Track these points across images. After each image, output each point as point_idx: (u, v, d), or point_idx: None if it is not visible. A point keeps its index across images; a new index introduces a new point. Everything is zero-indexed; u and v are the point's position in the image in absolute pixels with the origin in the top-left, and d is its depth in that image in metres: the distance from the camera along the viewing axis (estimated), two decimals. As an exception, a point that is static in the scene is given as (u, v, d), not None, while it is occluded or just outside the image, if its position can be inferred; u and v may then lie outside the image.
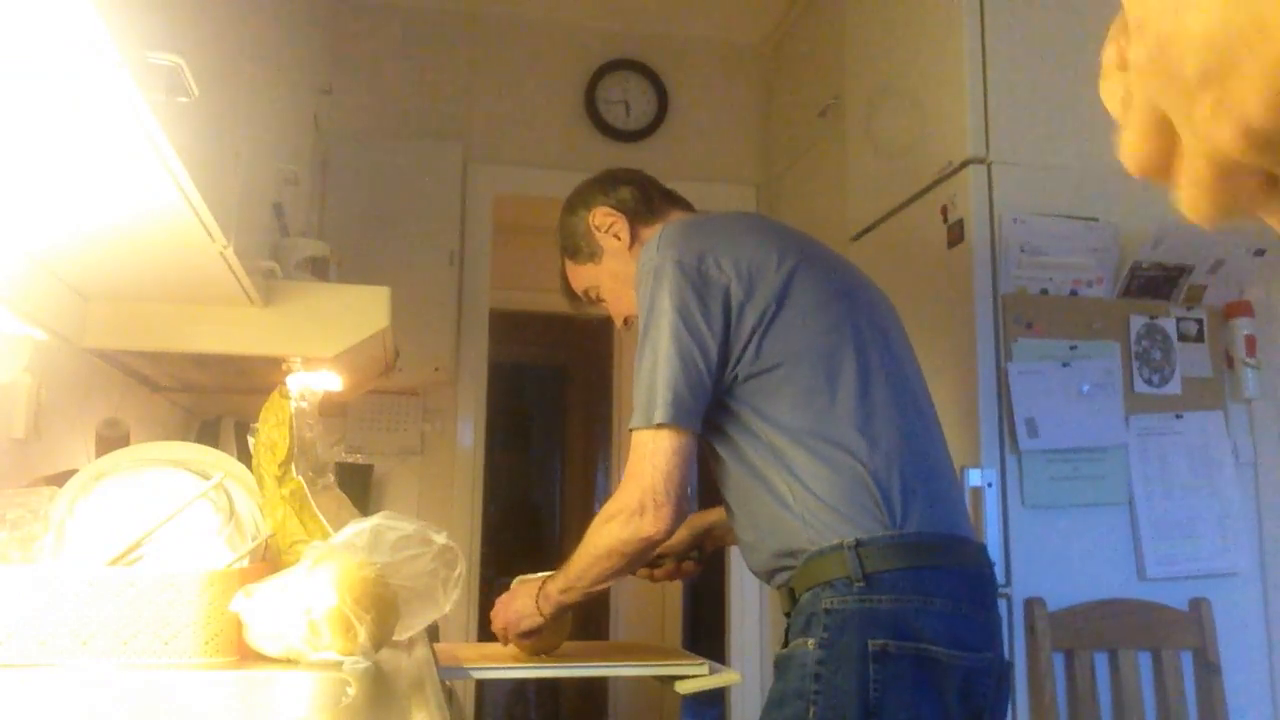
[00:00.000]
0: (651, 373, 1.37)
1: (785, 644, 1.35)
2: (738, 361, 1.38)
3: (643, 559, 1.43)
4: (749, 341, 1.38)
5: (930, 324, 2.05)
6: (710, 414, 1.42)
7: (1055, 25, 2.13)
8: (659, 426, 1.34)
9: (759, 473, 1.38)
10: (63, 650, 1.09)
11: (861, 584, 1.27)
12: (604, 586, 1.48)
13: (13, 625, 1.08)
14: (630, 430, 1.39)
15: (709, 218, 1.55)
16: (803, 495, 1.34)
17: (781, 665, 1.33)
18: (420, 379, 3.05)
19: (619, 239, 1.63)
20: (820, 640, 1.27)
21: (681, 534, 1.72)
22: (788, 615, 1.38)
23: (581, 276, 1.69)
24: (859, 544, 1.29)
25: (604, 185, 1.67)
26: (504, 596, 1.62)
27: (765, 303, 1.38)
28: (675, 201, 1.68)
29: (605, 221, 1.63)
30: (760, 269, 1.40)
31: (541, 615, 1.53)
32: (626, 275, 1.59)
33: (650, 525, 1.35)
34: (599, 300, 1.69)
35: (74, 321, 1.57)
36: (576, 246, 1.67)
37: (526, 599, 1.56)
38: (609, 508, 1.40)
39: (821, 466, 1.33)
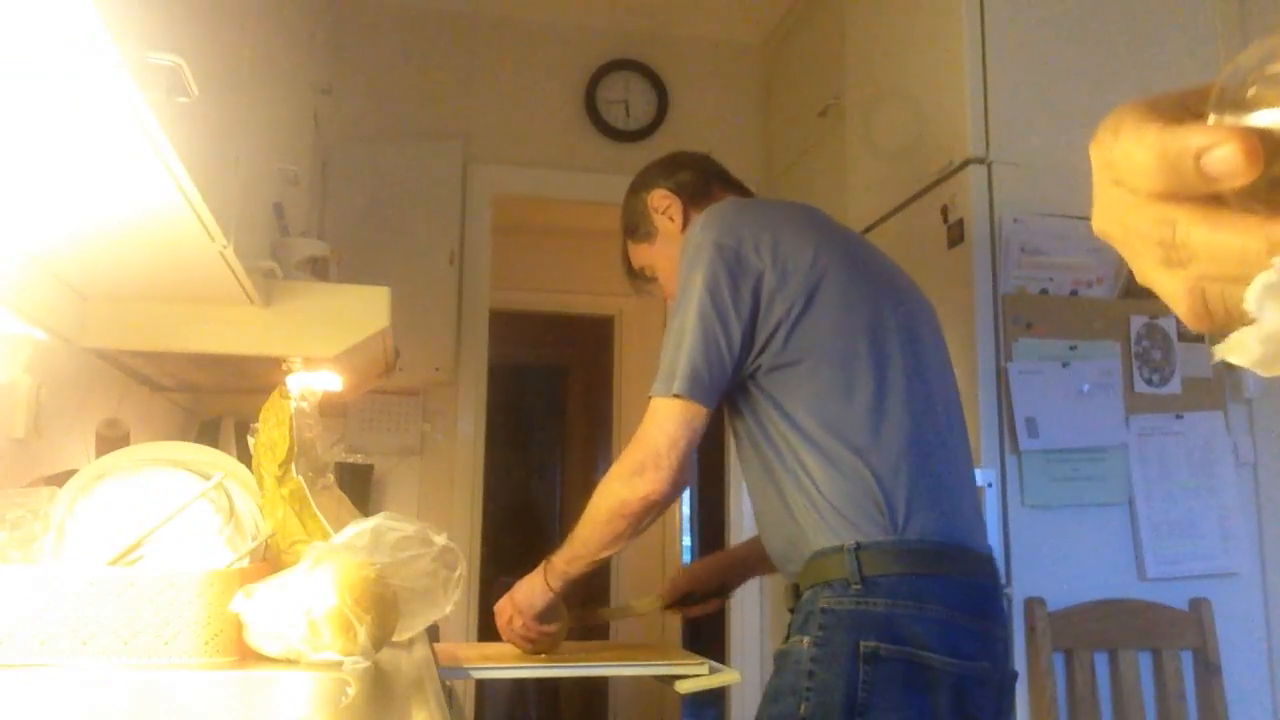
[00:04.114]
0: (676, 346, 1.39)
1: (786, 639, 1.36)
2: (763, 349, 1.39)
3: (644, 520, 1.44)
4: (776, 331, 1.39)
5: (930, 324, 2.05)
6: (736, 400, 1.44)
7: (1055, 25, 2.13)
8: (674, 396, 1.37)
9: (772, 466, 1.40)
10: (63, 650, 1.08)
11: (858, 586, 1.29)
12: (609, 554, 1.48)
13: (13, 625, 1.08)
14: (648, 397, 1.41)
15: (757, 202, 1.59)
16: (811, 494, 1.35)
17: (779, 661, 1.34)
18: (420, 379, 3.05)
19: (673, 221, 1.66)
20: (815, 639, 1.29)
21: (711, 573, 1.80)
22: (791, 611, 1.39)
23: (638, 255, 1.73)
24: (859, 547, 1.30)
25: (666, 167, 1.72)
26: (505, 597, 1.63)
27: (795, 295, 1.39)
28: (734, 187, 1.71)
29: (662, 204, 1.67)
30: (796, 261, 1.41)
31: (553, 591, 1.54)
32: (675, 256, 1.61)
33: (649, 484, 1.37)
34: (653, 279, 1.73)
35: (74, 321, 1.56)
36: (634, 225, 1.71)
37: (533, 581, 1.57)
38: (612, 470, 1.42)
39: (830, 468, 1.34)
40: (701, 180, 1.69)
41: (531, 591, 1.57)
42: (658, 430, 1.37)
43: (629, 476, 1.38)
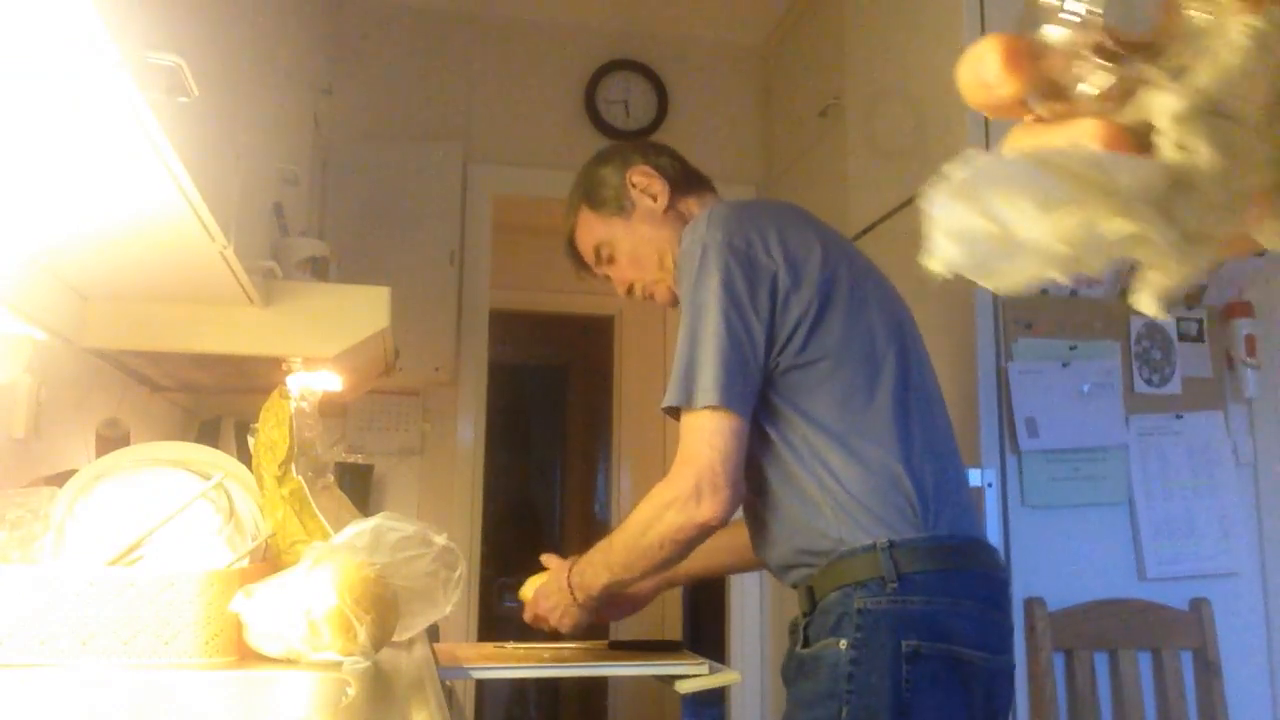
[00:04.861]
0: (695, 352, 1.34)
1: (806, 644, 1.34)
2: (781, 351, 1.36)
3: (695, 546, 1.38)
4: (794, 332, 1.36)
5: (930, 324, 2.04)
6: None
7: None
8: (714, 408, 1.30)
9: (790, 468, 1.37)
10: (63, 650, 1.08)
11: (895, 584, 1.27)
12: (654, 576, 1.47)
13: (13, 625, 1.08)
14: (664, 409, 1.36)
15: (757, 203, 1.55)
16: (837, 494, 1.33)
17: (809, 665, 1.31)
18: (420, 379, 3.05)
19: (655, 201, 1.58)
20: (853, 640, 1.26)
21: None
22: (806, 615, 1.36)
23: (598, 229, 1.61)
24: (892, 545, 1.29)
25: (644, 149, 1.65)
26: (542, 586, 1.60)
27: (810, 295, 1.37)
28: (705, 183, 1.66)
29: (644, 180, 1.59)
30: (806, 260, 1.39)
31: (586, 611, 1.53)
32: (653, 239, 1.57)
33: (707, 510, 1.31)
34: (609, 260, 1.62)
35: (74, 321, 1.56)
36: (604, 198, 1.60)
37: (563, 604, 1.53)
38: (662, 494, 1.35)
39: (856, 466, 1.33)
40: (682, 169, 1.63)
41: (566, 616, 1.54)
42: (706, 447, 1.30)
43: (684, 502, 1.31)
